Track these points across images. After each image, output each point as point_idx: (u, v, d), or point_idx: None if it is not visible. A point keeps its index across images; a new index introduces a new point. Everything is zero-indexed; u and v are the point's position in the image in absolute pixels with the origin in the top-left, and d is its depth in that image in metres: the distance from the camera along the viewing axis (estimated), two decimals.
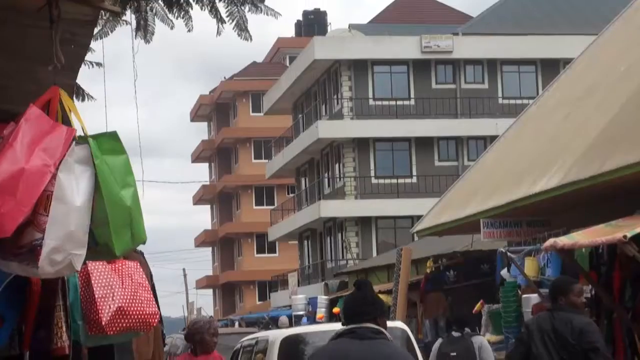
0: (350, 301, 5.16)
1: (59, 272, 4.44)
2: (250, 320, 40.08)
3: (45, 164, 4.31)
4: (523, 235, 20.03)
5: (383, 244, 40.76)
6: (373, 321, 4.96)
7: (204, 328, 8.69)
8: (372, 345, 4.86)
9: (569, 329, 7.42)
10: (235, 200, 66.22)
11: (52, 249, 4.29)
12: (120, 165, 4.60)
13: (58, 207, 4.30)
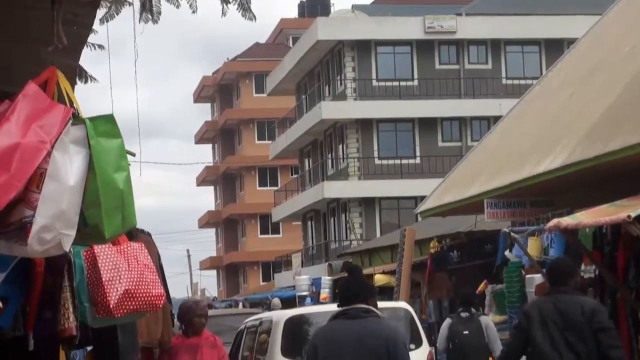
0: (343, 285, 5.91)
1: (47, 251, 4.41)
2: (254, 301, 40.16)
3: (41, 141, 4.28)
4: (527, 216, 20.03)
5: (387, 225, 40.79)
6: (364, 302, 5.68)
7: (191, 309, 8.75)
8: (362, 323, 5.62)
9: (579, 310, 7.29)
10: (239, 181, 66.24)
11: (42, 227, 4.26)
12: (114, 148, 4.59)
13: (51, 185, 4.26)
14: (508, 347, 7.71)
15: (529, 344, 7.39)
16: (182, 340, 8.74)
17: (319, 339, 5.87)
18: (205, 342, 8.62)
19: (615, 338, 7.48)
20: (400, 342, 5.81)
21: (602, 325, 7.33)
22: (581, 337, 7.18)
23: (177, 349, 8.61)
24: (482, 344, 11.85)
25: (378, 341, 5.65)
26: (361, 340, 5.64)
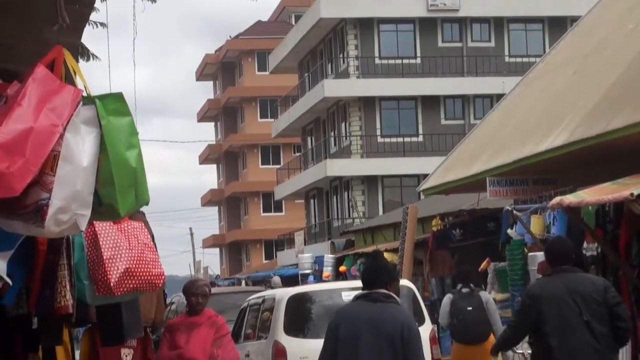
0: (366, 270, 6.32)
1: (64, 231, 4.45)
2: (257, 279, 40.25)
3: (53, 124, 4.30)
4: (529, 194, 20.03)
5: (389, 203, 40.80)
6: (384, 287, 6.10)
7: (188, 288, 8.79)
8: (382, 308, 6.03)
9: (591, 287, 7.23)
10: (241, 159, 66.22)
11: (58, 208, 4.30)
12: (125, 126, 4.61)
13: (65, 167, 4.29)
14: (512, 329, 7.62)
15: (536, 326, 7.29)
16: (183, 319, 8.78)
17: (342, 318, 6.20)
18: (207, 321, 8.61)
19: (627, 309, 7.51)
20: (414, 330, 6.10)
21: (618, 300, 7.33)
22: (598, 315, 7.13)
23: (176, 327, 8.67)
24: (484, 319, 12.21)
25: (394, 327, 5.99)
26: (379, 324, 6.01)
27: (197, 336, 8.49)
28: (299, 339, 11.12)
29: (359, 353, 6.01)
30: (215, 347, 8.47)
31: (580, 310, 7.13)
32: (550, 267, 7.50)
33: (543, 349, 7.22)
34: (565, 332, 7.11)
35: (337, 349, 6.08)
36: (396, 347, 5.96)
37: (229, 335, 8.80)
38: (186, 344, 8.45)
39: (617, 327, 7.16)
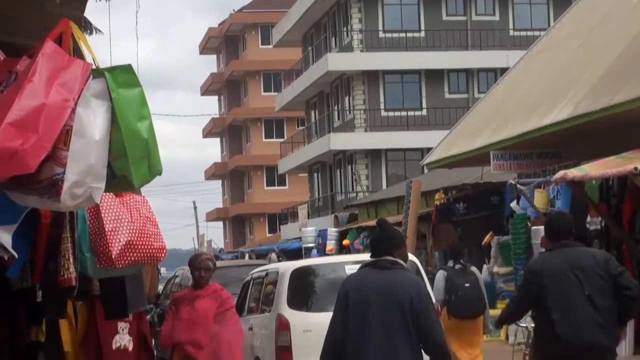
0: (374, 239, 6.38)
1: (79, 205, 4.48)
2: (261, 253, 40.32)
3: (65, 99, 4.31)
4: (533, 167, 20.02)
5: (393, 177, 40.79)
6: (390, 254, 6.18)
7: (191, 262, 8.83)
8: (388, 274, 6.10)
9: (592, 261, 7.23)
10: (245, 133, 66.19)
11: (73, 183, 4.31)
12: (135, 97, 4.61)
13: (78, 142, 4.31)
14: (515, 304, 7.62)
15: (538, 300, 7.30)
16: (188, 292, 8.83)
17: (350, 286, 6.23)
18: (211, 294, 8.63)
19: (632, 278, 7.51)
20: (424, 296, 6.11)
21: (621, 269, 7.31)
22: (600, 289, 7.12)
23: (181, 300, 8.72)
24: (481, 295, 12.31)
25: (403, 293, 6.02)
26: (388, 290, 6.05)
27: (200, 306, 8.52)
28: (303, 313, 11.13)
29: (369, 320, 6.03)
30: (217, 323, 8.48)
31: (581, 285, 7.13)
32: (551, 242, 7.50)
33: (545, 324, 7.24)
34: (567, 307, 7.12)
35: (348, 317, 6.10)
36: (405, 313, 5.98)
37: (233, 310, 8.80)
38: (190, 312, 8.50)
39: (625, 296, 7.13)
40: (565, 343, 7.12)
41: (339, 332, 6.13)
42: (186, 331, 8.47)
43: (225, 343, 8.46)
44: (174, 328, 8.55)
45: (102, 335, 7.85)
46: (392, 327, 6.00)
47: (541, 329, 7.32)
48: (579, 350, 7.13)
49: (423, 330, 5.99)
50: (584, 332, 7.09)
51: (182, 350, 8.54)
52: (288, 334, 10.97)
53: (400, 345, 5.99)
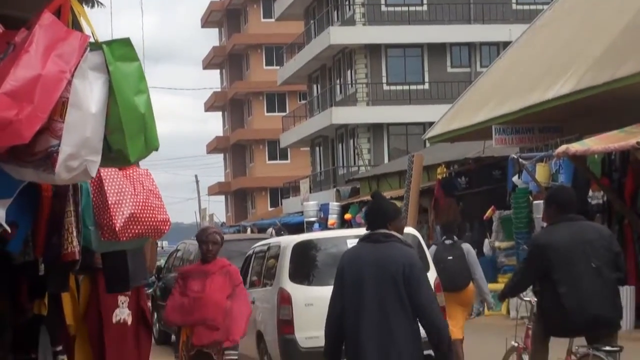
0: (368, 212, 6.36)
1: (74, 178, 4.46)
2: (262, 227, 40.36)
3: (61, 70, 4.29)
4: (535, 142, 20.01)
5: (395, 151, 40.77)
6: (384, 227, 6.11)
7: (199, 237, 8.74)
8: (381, 247, 6.06)
9: (598, 235, 7.33)
10: (247, 106, 66.11)
11: (69, 155, 4.30)
12: (133, 71, 4.59)
13: (74, 114, 4.29)
14: (519, 277, 7.65)
15: (544, 274, 7.33)
16: (196, 267, 8.73)
17: (346, 261, 6.24)
18: (220, 270, 8.53)
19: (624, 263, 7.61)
20: (416, 267, 6.05)
21: (620, 250, 7.44)
22: (606, 261, 7.21)
23: (189, 274, 8.61)
24: (464, 268, 12.46)
25: (395, 266, 5.98)
26: (381, 264, 6.02)
27: (213, 285, 8.41)
28: (304, 286, 11.16)
29: (364, 296, 6.01)
30: (228, 300, 8.40)
31: (588, 257, 7.20)
32: (555, 216, 7.52)
33: (551, 297, 7.26)
34: (574, 280, 7.17)
35: (344, 292, 6.11)
36: (399, 285, 5.94)
37: (242, 285, 8.72)
38: (202, 290, 8.39)
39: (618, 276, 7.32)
40: (571, 315, 7.16)
41: (337, 309, 6.14)
42: (199, 311, 8.34)
43: (236, 319, 8.37)
44: (184, 306, 8.41)
45: (103, 308, 7.85)
46: (386, 303, 5.96)
47: (546, 302, 7.35)
48: (585, 323, 7.18)
49: (416, 307, 5.93)
50: (590, 305, 7.14)
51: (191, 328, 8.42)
52: (290, 307, 11.00)
53: (395, 322, 5.95)
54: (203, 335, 8.33)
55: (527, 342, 8.00)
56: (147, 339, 8.33)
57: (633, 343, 12.75)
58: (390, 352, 5.97)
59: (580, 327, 7.20)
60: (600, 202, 16.90)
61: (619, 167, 16.61)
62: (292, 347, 10.92)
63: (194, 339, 8.34)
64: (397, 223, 6.23)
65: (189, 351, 8.39)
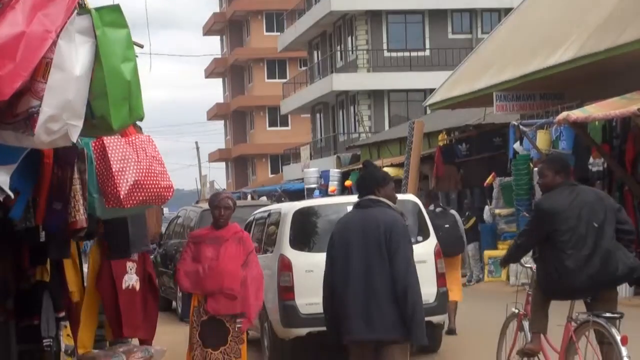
0: (358, 179, 6.67)
1: (55, 142, 4.37)
2: (263, 193, 40.38)
3: (47, 30, 4.22)
4: (536, 109, 19.98)
5: (395, 117, 40.71)
6: (373, 193, 6.40)
7: (211, 202, 8.62)
8: (369, 212, 6.35)
9: (596, 196, 7.48)
10: (247, 73, 65.94)
11: (49, 117, 4.22)
12: (121, 38, 4.54)
13: (57, 75, 4.22)
14: (523, 241, 7.70)
15: (548, 237, 7.39)
16: (209, 232, 8.58)
17: (336, 228, 6.55)
18: (233, 236, 8.44)
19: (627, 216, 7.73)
20: (398, 227, 6.26)
21: (619, 205, 7.62)
22: (608, 220, 7.31)
23: (202, 239, 8.48)
24: (459, 235, 13.22)
25: (376, 226, 6.23)
26: (366, 227, 6.27)
27: (227, 252, 8.33)
28: (305, 253, 11.18)
29: (350, 257, 6.26)
30: (243, 268, 8.34)
31: (590, 218, 7.32)
32: (554, 182, 7.61)
33: (558, 258, 7.32)
34: (579, 242, 7.29)
35: (333, 260, 6.38)
36: (381, 245, 6.19)
37: (254, 252, 8.65)
38: (216, 258, 8.29)
39: (623, 231, 7.39)
40: (574, 275, 7.22)
41: (329, 276, 6.38)
42: (215, 279, 8.24)
43: (251, 287, 8.32)
44: (199, 274, 8.27)
45: (115, 274, 7.91)
46: (371, 263, 6.21)
47: (547, 266, 7.40)
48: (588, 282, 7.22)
49: (392, 268, 6.15)
50: (593, 265, 7.20)
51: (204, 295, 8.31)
52: (290, 274, 11.03)
53: (379, 281, 6.17)
54: (220, 304, 8.25)
55: (527, 309, 8.03)
56: (154, 305, 8.36)
57: (633, 309, 12.80)
58: (373, 311, 6.17)
59: (583, 287, 7.26)
60: (600, 168, 16.91)
61: (619, 133, 16.60)
62: (293, 313, 10.96)
63: (209, 307, 8.25)
64: (387, 190, 6.46)
65: (201, 317, 8.32)
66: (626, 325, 7.23)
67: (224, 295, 8.23)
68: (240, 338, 8.31)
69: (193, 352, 8.32)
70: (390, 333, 6.18)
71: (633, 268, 7.34)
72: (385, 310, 6.15)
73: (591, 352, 7.25)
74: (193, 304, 8.42)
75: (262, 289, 8.62)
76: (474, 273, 20.82)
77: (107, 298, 7.89)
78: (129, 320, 7.99)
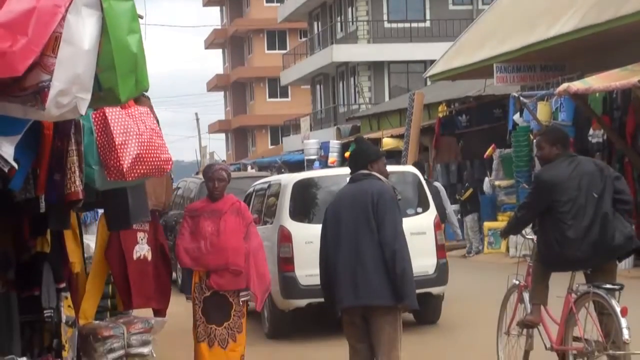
0: (350, 155, 6.80)
1: (64, 115, 4.40)
2: (263, 165, 40.38)
3: (56, 4, 4.24)
4: (536, 80, 19.94)
5: (395, 89, 40.65)
6: (365, 168, 6.56)
7: (205, 173, 8.43)
8: (359, 185, 6.52)
9: (595, 166, 7.46)
10: (247, 44, 65.75)
11: (60, 91, 4.25)
12: (126, 10, 4.55)
13: (66, 49, 4.24)
14: (523, 214, 7.70)
15: (548, 209, 7.40)
16: (205, 205, 8.39)
17: (331, 202, 6.77)
18: (230, 208, 8.27)
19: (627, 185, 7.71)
20: (385, 196, 6.40)
21: (618, 174, 7.59)
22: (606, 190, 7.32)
23: (199, 213, 8.29)
24: (440, 205, 13.69)
25: (365, 197, 6.39)
26: (355, 198, 6.46)
27: (227, 226, 8.16)
28: (304, 224, 11.19)
29: (340, 227, 6.43)
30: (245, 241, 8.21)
31: (589, 189, 7.33)
32: (553, 153, 7.61)
33: (559, 229, 7.33)
34: (579, 212, 7.30)
35: (327, 232, 6.56)
36: (369, 215, 6.34)
37: (252, 222, 8.48)
38: (217, 233, 8.13)
39: (620, 201, 7.37)
40: (575, 246, 7.23)
41: (323, 253, 6.54)
42: (217, 255, 8.10)
43: (253, 259, 8.20)
44: (200, 250, 8.14)
45: (125, 245, 7.87)
46: (359, 231, 6.36)
47: (547, 237, 7.41)
48: (588, 252, 7.24)
49: (380, 235, 6.28)
50: (593, 235, 7.22)
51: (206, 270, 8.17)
52: (290, 245, 11.05)
53: (367, 251, 6.30)
54: (225, 280, 8.12)
55: (528, 280, 8.04)
56: (167, 274, 8.29)
57: (632, 281, 12.84)
58: (359, 278, 6.28)
59: (583, 257, 7.28)
60: (600, 140, 16.89)
61: (620, 105, 16.57)
62: (292, 284, 10.99)
63: (214, 283, 8.12)
64: (379, 165, 6.62)
65: (203, 293, 8.19)
66: (626, 297, 7.25)
67: (228, 271, 8.11)
68: (242, 312, 8.23)
69: (197, 329, 8.22)
70: (375, 299, 6.27)
71: (630, 237, 7.35)
72: (371, 277, 6.25)
73: (591, 323, 7.27)
74: (194, 280, 8.25)
75: (266, 265, 8.50)
76: (474, 244, 20.84)
77: (116, 269, 7.88)
78: (141, 290, 7.97)
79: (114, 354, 7.23)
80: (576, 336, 7.42)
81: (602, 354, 7.19)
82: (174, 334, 11.02)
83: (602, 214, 7.29)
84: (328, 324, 10.83)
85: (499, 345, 8.41)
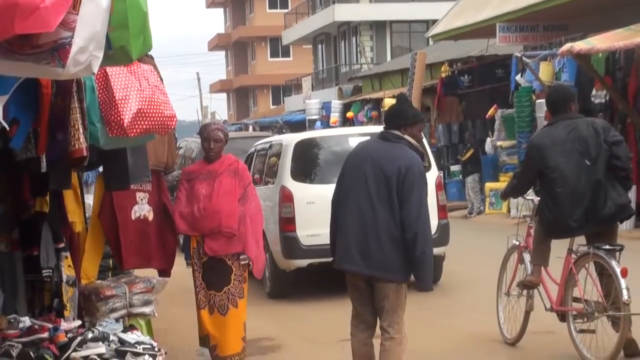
0: (387, 112, 6.46)
1: (78, 73, 4.36)
2: (264, 124, 40.33)
3: None
4: (539, 40, 19.86)
5: (397, 48, 40.50)
6: (398, 129, 6.25)
7: (201, 133, 8.17)
8: (389, 146, 6.21)
9: (593, 130, 7.33)
10: (248, 2, 65.44)
11: (80, 48, 4.20)
12: None
13: (88, 6, 4.20)
14: (518, 179, 7.68)
15: (541, 174, 7.37)
16: (201, 166, 8.15)
17: (352, 152, 6.42)
18: (227, 169, 7.99)
19: (628, 150, 7.55)
20: (414, 170, 6.07)
21: (618, 139, 7.38)
22: (602, 157, 7.24)
23: (195, 175, 8.07)
24: None
25: (393, 165, 6.07)
26: (382, 160, 6.13)
27: (222, 187, 7.92)
28: (306, 184, 11.18)
29: (359, 183, 6.15)
30: (240, 203, 7.91)
31: (582, 155, 7.26)
32: (552, 115, 7.57)
33: (550, 196, 7.32)
34: (571, 177, 7.23)
35: (343, 178, 6.32)
36: (391, 184, 6.04)
37: (251, 184, 8.15)
38: (210, 195, 7.91)
39: (615, 167, 7.26)
40: (567, 214, 7.20)
41: (334, 199, 6.34)
42: (211, 219, 7.86)
43: (250, 222, 7.92)
44: (194, 214, 7.91)
45: (117, 205, 7.74)
46: (376, 195, 6.07)
47: (547, 201, 7.39)
48: (580, 220, 7.22)
49: (403, 214, 5.99)
50: (583, 204, 7.18)
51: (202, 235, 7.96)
52: (291, 205, 11.05)
53: (381, 216, 6.03)
54: (217, 244, 7.88)
55: (528, 241, 8.04)
56: (171, 235, 8.10)
57: (633, 242, 12.86)
58: (373, 249, 6.06)
59: (574, 226, 7.25)
60: (603, 101, 16.84)
61: (623, 66, 16.51)
62: (294, 244, 11.00)
63: (207, 248, 7.90)
64: (414, 130, 6.28)
65: (201, 258, 7.97)
66: (626, 258, 7.26)
67: (222, 235, 7.85)
68: (243, 277, 7.96)
69: (197, 295, 8.03)
70: (386, 273, 6.08)
71: (623, 206, 7.27)
72: (385, 251, 6.03)
73: (591, 284, 7.28)
74: (192, 245, 8.04)
75: (262, 225, 8.23)
76: (475, 205, 20.85)
77: (108, 230, 7.80)
78: (141, 250, 7.86)
79: (116, 313, 7.23)
80: (576, 297, 7.43)
81: (602, 314, 7.20)
82: (177, 294, 11.06)
83: (594, 181, 7.19)
84: (329, 284, 10.86)
85: (499, 306, 8.43)
